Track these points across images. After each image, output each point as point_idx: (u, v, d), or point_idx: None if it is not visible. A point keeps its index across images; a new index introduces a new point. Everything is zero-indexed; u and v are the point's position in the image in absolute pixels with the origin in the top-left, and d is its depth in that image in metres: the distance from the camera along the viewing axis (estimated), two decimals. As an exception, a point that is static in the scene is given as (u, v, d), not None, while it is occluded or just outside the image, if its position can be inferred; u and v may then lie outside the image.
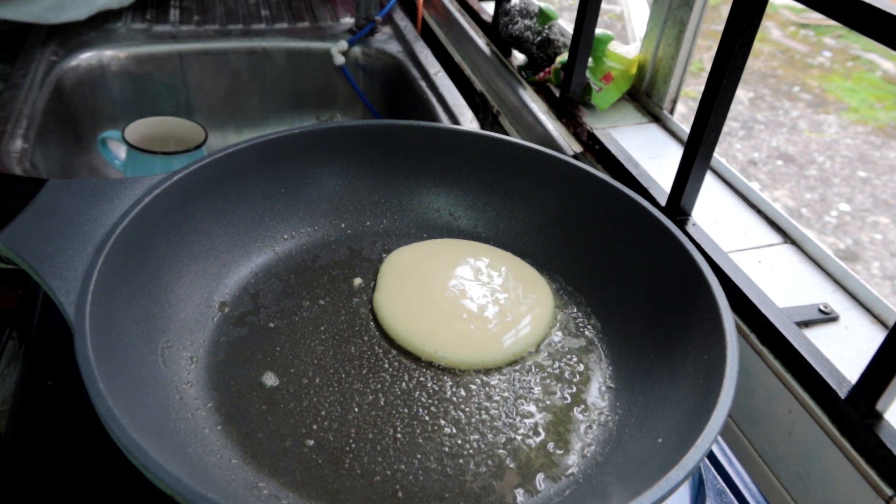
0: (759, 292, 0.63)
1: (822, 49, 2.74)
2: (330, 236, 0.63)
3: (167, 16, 1.17)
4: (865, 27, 0.50)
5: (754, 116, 2.36)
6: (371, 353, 0.53)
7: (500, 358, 0.53)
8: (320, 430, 0.46)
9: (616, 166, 0.80)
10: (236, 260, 0.58)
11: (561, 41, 0.97)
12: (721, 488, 0.51)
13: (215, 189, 0.56)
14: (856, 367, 0.54)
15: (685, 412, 0.43)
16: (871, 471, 0.52)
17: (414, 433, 0.47)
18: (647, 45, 0.90)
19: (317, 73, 1.19)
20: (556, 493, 0.44)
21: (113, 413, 0.36)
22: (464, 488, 0.44)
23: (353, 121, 0.64)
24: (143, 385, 0.43)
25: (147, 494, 0.44)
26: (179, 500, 0.34)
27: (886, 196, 2.03)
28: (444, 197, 0.65)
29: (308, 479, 0.43)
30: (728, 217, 0.74)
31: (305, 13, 1.25)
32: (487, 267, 0.60)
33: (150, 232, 0.50)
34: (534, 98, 0.96)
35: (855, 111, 2.42)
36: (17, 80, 0.97)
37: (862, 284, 0.65)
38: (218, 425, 0.46)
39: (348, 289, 0.58)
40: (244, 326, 0.54)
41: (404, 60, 1.14)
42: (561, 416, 0.49)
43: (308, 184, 0.62)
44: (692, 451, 0.37)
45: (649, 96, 0.92)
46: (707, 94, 0.64)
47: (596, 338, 0.56)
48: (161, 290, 0.50)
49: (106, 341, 0.41)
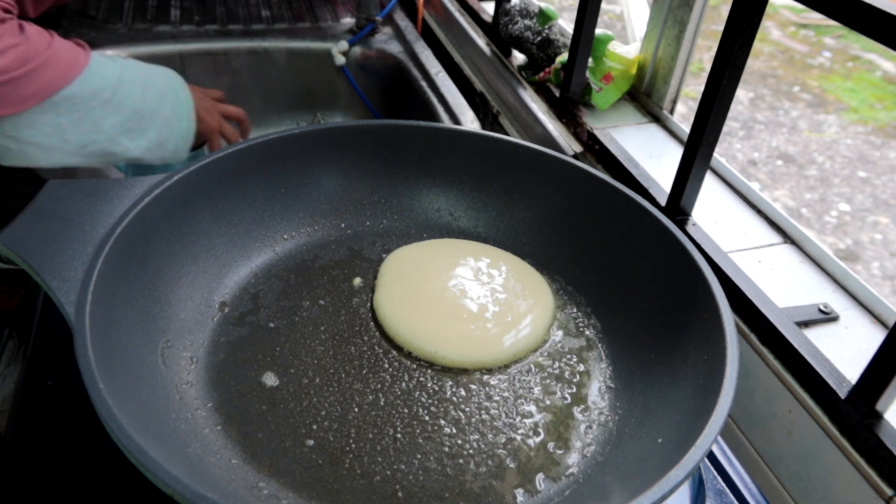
0: (759, 292, 0.63)
1: (822, 49, 2.74)
2: (330, 236, 0.63)
3: (168, 16, 1.17)
4: (865, 27, 0.50)
5: (754, 116, 2.36)
6: (371, 353, 0.53)
7: (500, 358, 0.53)
8: (320, 430, 0.47)
9: (616, 166, 0.80)
10: (236, 260, 0.58)
11: (561, 41, 0.97)
12: (721, 488, 0.51)
13: (215, 189, 0.56)
14: (856, 367, 0.54)
15: (685, 412, 0.43)
16: (871, 471, 0.52)
17: (414, 433, 0.47)
18: (647, 45, 0.90)
19: (317, 74, 1.19)
20: (556, 493, 0.44)
21: (113, 413, 0.36)
22: (464, 488, 0.44)
23: (353, 121, 0.64)
24: (143, 385, 0.43)
25: (147, 494, 0.44)
26: (179, 500, 0.34)
27: (886, 196, 2.03)
28: (444, 197, 0.65)
29: (308, 479, 0.43)
30: (728, 217, 0.74)
31: (306, 13, 1.25)
32: (487, 267, 0.60)
33: (150, 232, 0.50)
34: (534, 98, 0.96)
35: (855, 111, 2.42)
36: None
37: (862, 284, 0.65)
38: (218, 425, 0.46)
39: (348, 289, 0.58)
40: (244, 326, 0.54)
41: (405, 60, 1.14)
42: (561, 416, 0.49)
43: (308, 184, 0.62)
44: (692, 451, 0.37)
45: (649, 96, 0.92)
46: (707, 94, 0.64)
47: (596, 338, 0.56)
48: (161, 290, 0.50)
49: (106, 341, 0.41)
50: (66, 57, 0.65)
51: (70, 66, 0.65)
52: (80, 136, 0.68)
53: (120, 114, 0.69)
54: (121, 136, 0.70)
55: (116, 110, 0.69)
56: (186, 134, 0.76)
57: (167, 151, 0.75)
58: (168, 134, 0.74)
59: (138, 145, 0.71)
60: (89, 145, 0.69)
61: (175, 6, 1.22)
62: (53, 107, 0.65)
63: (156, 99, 0.73)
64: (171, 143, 0.75)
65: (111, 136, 0.70)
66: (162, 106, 0.73)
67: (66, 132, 0.67)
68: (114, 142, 0.70)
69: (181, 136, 0.75)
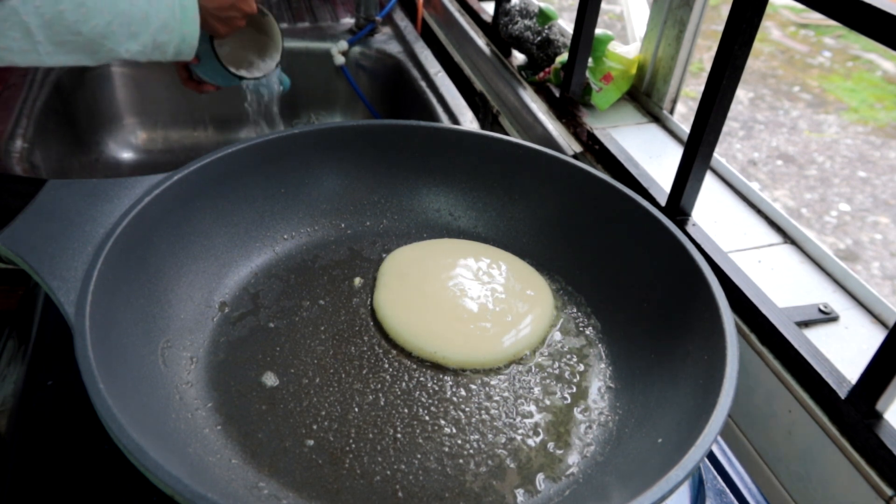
0: (759, 292, 0.63)
1: (822, 49, 2.74)
2: (330, 236, 0.63)
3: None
4: (865, 27, 0.50)
5: (754, 116, 2.36)
6: (371, 353, 0.53)
7: (500, 358, 0.53)
8: (320, 430, 0.46)
9: (616, 166, 0.80)
10: (236, 260, 0.58)
11: (561, 41, 0.97)
12: (721, 488, 0.51)
13: (215, 189, 0.56)
14: (856, 367, 0.54)
15: (685, 412, 0.43)
16: (871, 471, 0.52)
17: (414, 433, 0.47)
18: (647, 45, 0.90)
19: (317, 73, 1.19)
20: (556, 492, 0.44)
21: (113, 413, 0.36)
22: (464, 488, 0.44)
23: (353, 121, 0.64)
24: (143, 385, 0.43)
25: (147, 494, 0.44)
26: (179, 500, 0.34)
27: (886, 196, 2.03)
28: (444, 197, 0.65)
29: (308, 479, 0.43)
30: (728, 217, 0.74)
31: (305, 13, 1.25)
32: (487, 267, 0.60)
33: (150, 232, 0.50)
34: (534, 98, 0.96)
35: (855, 111, 2.42)
36: (17, 80, 0.97)
37: (862, 284, 0.65)
38: (218, 425, 0.46)
39: (348, 289, 0.58)
40: (244, 326, 0.54)
41: (404, 60, 1.14)
42: (561, 416, 0.49)
43: (308, 184, 0.62)
44: (692, 451, 0.37)
45: (649, 96, 0.92)
46: (707, 94, 0.64)
47: (596, 338, 0.56)
48: (161, 290, 0.50)
49: (106, 341, 0.41)
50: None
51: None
52: (53, 38, 0.63)
53: (100, 17, 0.64)
54: (104, 38, 0.65)
55: (95, 13, 0.63)
56: (189, 37, 0.70)
57: (167, 55, 0.69)
58: (167, 38, 0.68)
59: (127, 49, 0.66)
60: (65, 46, 0.64)
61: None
62: (12, 10, 0.59)
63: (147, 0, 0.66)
64: (172, 46, 0.69)
65: (92, 38, 0.64)
66: (157, 6, 0.66)
67: (35, 35, 0.62)
68: (96, 44, 0.65)
69: (183, 40, 0.69)
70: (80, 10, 0.62)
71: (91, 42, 0.65)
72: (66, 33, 0.63)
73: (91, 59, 0.66)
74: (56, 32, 0.63)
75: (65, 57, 0.65)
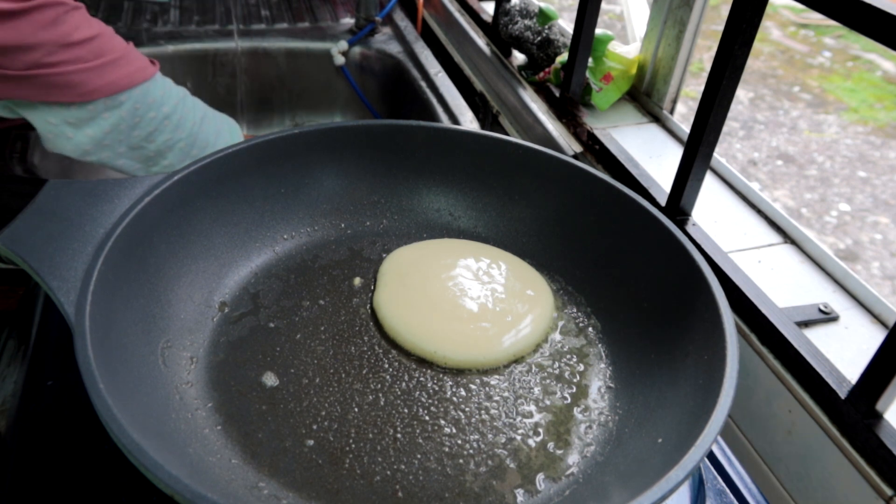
0: (759, 292, 0.63)
1: (822, 49, 2.74)
2: (330, 236, 0.63)
3: (167, 16, 1.17)
4: (865, 27, 0.50)
5: (754, 116, 2.36)
6: (371, 353, 0.53)
7: (500, 358, 0.53)
8: (320, 430, 0.47)
9: (616, 166, 0.80)
10: (236, 260, 0.58)
11: (561, 41, 0.97)
12: (721, 488, 0.51)
13: (215, 189, 0.56)
14: (856, 367, 0.54)
15: (685, 412, 0.43)
16: (871, 471, 0.52)
17: (414, 433, 0.47)
18: (647, 45, 0.90)
19: (317, 74, 1.19)
20: (556, 493, 0.44)
21: (113, 413, 0.36)
22: (464, 488, 0.44)
23: (353, 121, 0.64)
24: (143, 385, 0.43)
25: (147, 494, 0.44)
26: (179, 500, 0.34)
27: (886, 196, 2.03)
28: (444, 197, 0.65)
29: (308, 479, 0.43)
30: (728, 217, 0.74)
31: (305, 13, 1.25)
32: (487, 267, 0.60)
33: (150, 232, 0.50)
34: (534, 98, 0.96)
35: (855, 111, 2.42)
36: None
37: (862, 284, 0.65)
38: (218, 425, 0.46)
39: (348, 289, 0.58)
40: (244, 326, 0.54)
41: (404, 61, 1.14)
42: (561, 416, 0.49)
43: (308, 184, 0.62)
44: (692, 451, 0.37)
45: (649, 96, 0.92)
46: (707, 94, 0.64)
47: (596, 338, 0.56)
48: (161, 290, 0.50)
49: (106, 341, 0.41)
50: (138, 62, 0.69)
51: (140, 71, 0.68)
52: (132, 140, 0.70)
53: (176, 132, 0.72)
54: (169, 151, 0.72)
55: (174, 128, 0.71)
56: None
57: None
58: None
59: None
60: (137, 151, 0.71)
61: (174, 6, 1.22)
62: (117, 105, 0.67)
63: (213, 133, 0.75)
64: None
65: (161, 150, 0.72)
66: (216, 141, 0.76)
67: (121, 133, 0.69)
68: (161, 156, 0.72)
69: None
70: (165, 121, 0.71)
71: (158, 153, 0.72)
72: (145, 139, 0.71)
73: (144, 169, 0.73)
74: (137, 137, 0.70)
75: (126, 163, 0.72)
